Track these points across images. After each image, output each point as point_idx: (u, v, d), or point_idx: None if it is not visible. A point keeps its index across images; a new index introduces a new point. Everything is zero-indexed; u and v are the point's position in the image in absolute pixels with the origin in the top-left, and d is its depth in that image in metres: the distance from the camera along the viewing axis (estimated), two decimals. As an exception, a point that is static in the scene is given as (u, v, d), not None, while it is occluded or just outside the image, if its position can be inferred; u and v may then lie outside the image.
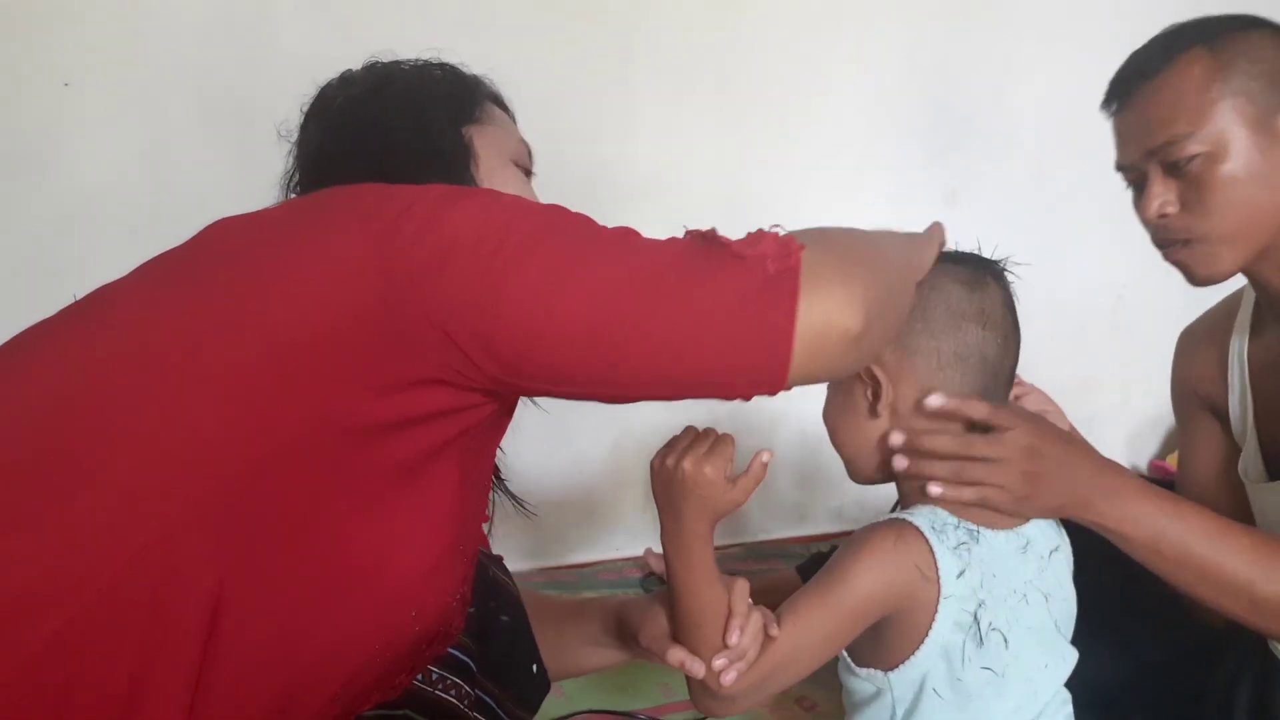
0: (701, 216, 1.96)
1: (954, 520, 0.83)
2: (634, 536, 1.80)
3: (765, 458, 0.79)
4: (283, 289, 0.59)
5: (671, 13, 1.67)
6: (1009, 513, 0.84)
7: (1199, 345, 1.12)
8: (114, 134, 1.47)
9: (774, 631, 0.79)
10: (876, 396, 0.84)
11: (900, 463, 0.83)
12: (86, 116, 1.45)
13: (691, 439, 0.81)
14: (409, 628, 0.67)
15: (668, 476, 0.80)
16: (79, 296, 0.66)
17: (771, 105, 1.76)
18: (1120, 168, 0.99)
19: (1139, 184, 0.96)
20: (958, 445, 0.81)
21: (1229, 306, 1.10)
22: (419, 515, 0.64)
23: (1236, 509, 1.03)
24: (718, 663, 0.78)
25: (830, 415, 0.89)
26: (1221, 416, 1.09)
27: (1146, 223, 0.96)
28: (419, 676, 0.81)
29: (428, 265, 0.58)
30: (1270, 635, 0.92)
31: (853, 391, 0.85)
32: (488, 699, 0.88)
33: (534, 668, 0.92)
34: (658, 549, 1.82)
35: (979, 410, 0.82)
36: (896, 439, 0.83)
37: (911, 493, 0.86)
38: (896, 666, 0.82)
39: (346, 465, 0.60)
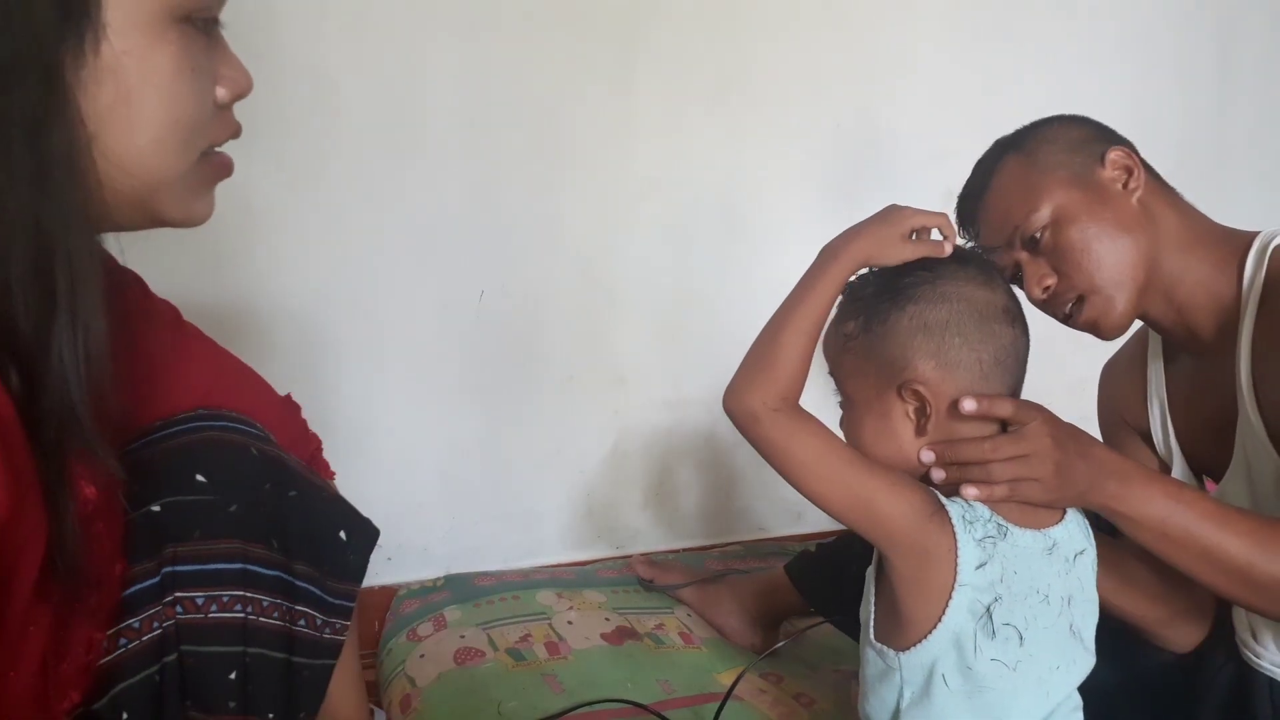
0: (700, 219, 1.99)
1: (987, 514, 0.84)
2: (634, 536, 1.81)
3: (946, 247, 0.86)
4: None
5: (671, 17, 1.68)
6: (1043, 503, 0.86)
7: (1121, 375, 1.20)
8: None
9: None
10: (923, 415, 0.85)
11: (938, 475, 0.85)
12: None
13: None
14: None
15: (887, 207, 0.89)
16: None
17: (771, 108, 1.77)
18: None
19: (1016, 276, 1.06)
20: (987, 450, 0.83)
21: (1141, 337, 1.19)
22: None
23: None
24: None
25: (864, 439, 0.89)
26: (1145, 436, 1.16)
27: (1038, 304, 1.05)
28: (181, 608, 0.75)
29: None
30: (1268, 615, 0.95)
31: (890, 414, 0.87)
32: (307, 585, 0.82)
33: (341, 534, 0.86)
34: (657, 548, 1.82)
35: (1005, 409, 0.85)
36: (927, 457, 0.85)
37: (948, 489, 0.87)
38: (909, 648, 0.83)
39: None
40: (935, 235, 0.89)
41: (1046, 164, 1.04)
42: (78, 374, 0.57)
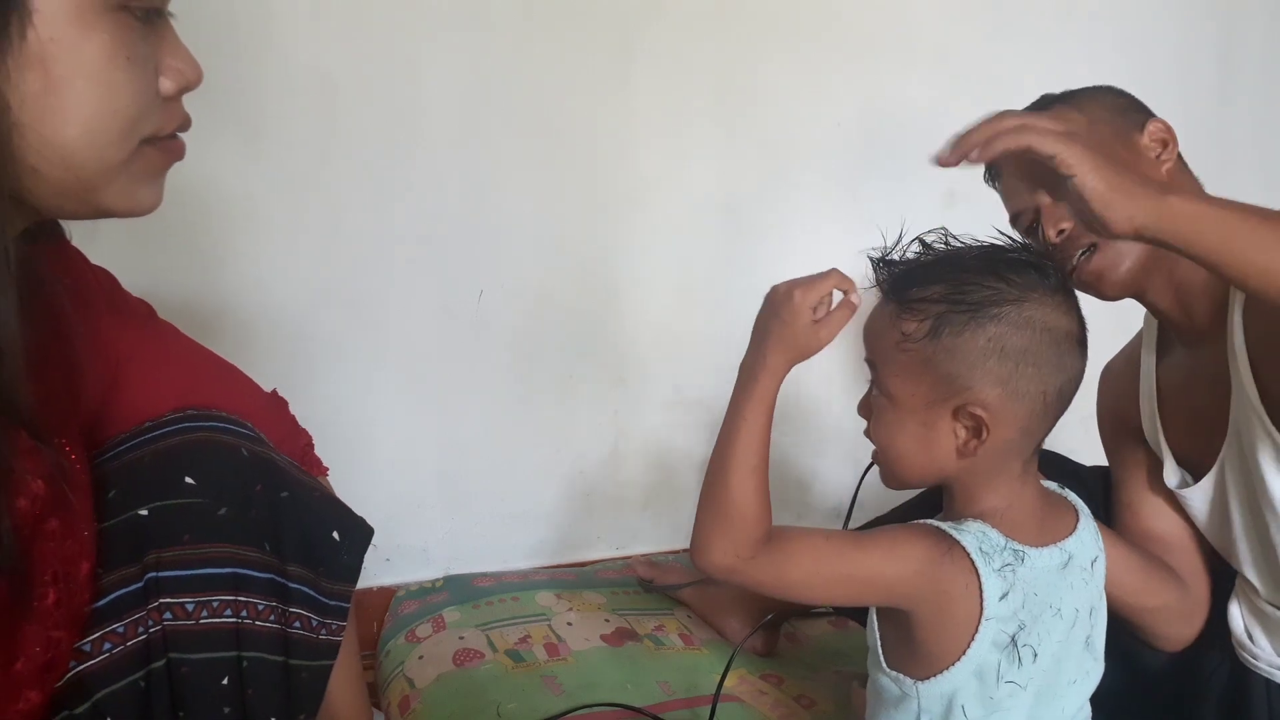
0: (700, 218, 1.98)
1: (1002, 541, 0.81)
2: (634, 536, 1.81)
3: (855, 299, 0.81)
4: None
5: (670, 15, 1.67)
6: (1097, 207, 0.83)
7: (1118, 375, 1.20)
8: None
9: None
10: (976, 437, 0.81)
11: None
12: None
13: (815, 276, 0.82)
14: None
15: (769, 296, 0.82)
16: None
17: (771, 106, 1.76)
18: (1014, 221, 1.08)
19: (1034, 225, 1.06)
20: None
21: (1136, 341, 1.19)
22: None
23: (1172, 516, 1.11)
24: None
25: (899, 442, 0.84)
26: (1140, 434, 1.15)
27: (1050, 246, 1.03)
28: (170, 614, 0.74)
29: None
30: None
31: (936, 427, 0.82)
32: (301, 587, 0.81)
33: (335, 535, 0.85)
34: (657, 549, 1.82)
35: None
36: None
37: (965, 503, 0.85)
38: (928, 679, 0.81)
39: None
40: (838, 296, 0.83)
41: (1091, 115, 1.07)
42: None
